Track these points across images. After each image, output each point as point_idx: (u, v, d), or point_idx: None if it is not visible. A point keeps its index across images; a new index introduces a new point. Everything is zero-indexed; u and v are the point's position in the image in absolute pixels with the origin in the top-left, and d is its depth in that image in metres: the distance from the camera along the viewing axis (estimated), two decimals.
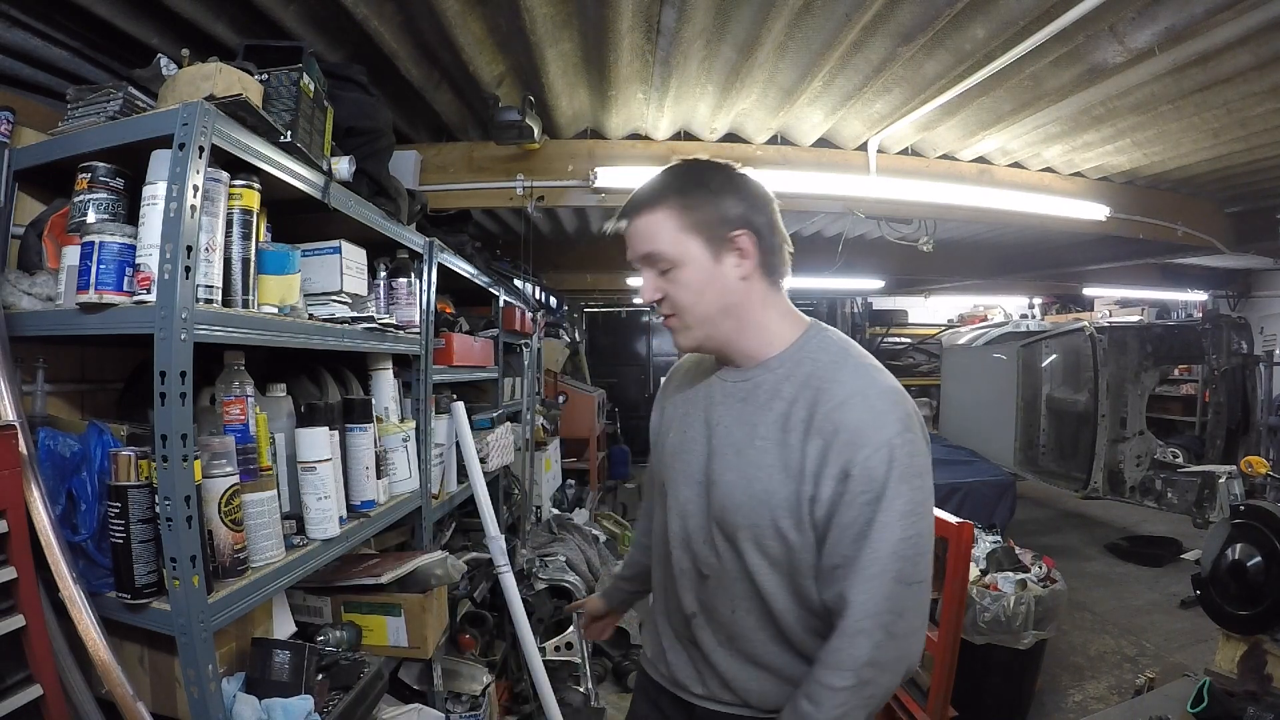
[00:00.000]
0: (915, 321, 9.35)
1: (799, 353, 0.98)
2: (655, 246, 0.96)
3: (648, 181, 1.00)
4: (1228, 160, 3.46)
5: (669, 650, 1.13)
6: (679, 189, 0.96)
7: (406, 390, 2.06)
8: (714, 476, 0.99)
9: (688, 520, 1.04)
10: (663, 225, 0.95)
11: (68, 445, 1.12)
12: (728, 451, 0.98)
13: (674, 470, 1.07)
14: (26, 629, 1.02)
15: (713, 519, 0.99)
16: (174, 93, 1.19)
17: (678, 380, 1.18)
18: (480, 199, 3.21)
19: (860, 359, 0.97)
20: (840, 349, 0.98)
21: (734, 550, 0.97)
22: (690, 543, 1.04)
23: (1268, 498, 2.77)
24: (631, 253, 1.00)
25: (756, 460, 0.94)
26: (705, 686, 1.07)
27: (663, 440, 1.13)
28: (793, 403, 0.94)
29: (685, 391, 1.12)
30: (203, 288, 1.08)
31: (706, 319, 0.97)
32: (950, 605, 2.33)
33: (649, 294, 0.98)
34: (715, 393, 1.05)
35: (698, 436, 1.04)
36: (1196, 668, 2.25)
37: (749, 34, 2.23)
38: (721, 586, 1.01)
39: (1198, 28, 2.12)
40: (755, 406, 0.97)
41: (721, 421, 1.01)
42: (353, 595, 1.72)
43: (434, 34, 2.16)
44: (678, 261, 0.95)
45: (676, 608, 1.09)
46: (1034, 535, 5.33)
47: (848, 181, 3.27)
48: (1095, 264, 5.45)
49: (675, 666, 1.12)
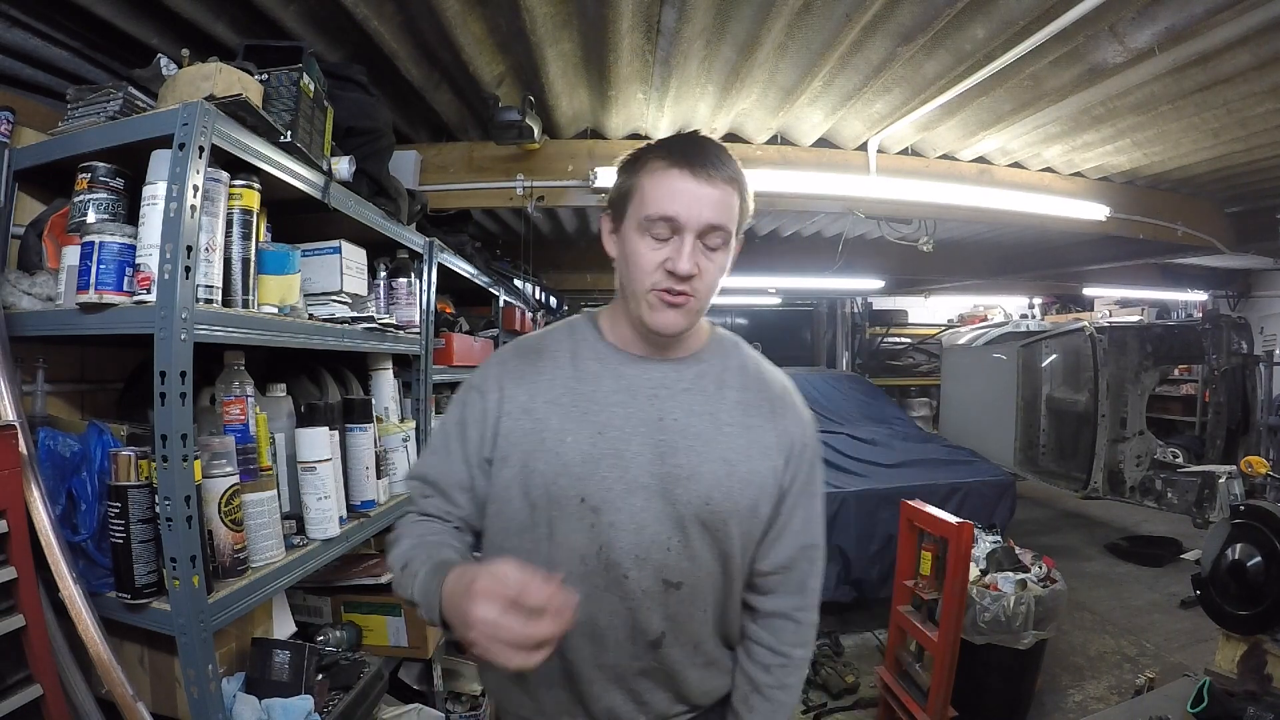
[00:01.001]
0: (915, 321, 9.35)
1: (719, 345, 1.02)
2: (724, 221, 0.88)
3: (720, 149, 0.90)
4: (1228, 160, 3.46)
5: (600, 698, 0.95)
6: (741, 176, 0.91)
7: (406, 390, 2.06)
8: (682, 472, 0.90)
9: (642, 533, 0.90)
10: (734, 205, 0.90)
11: (68, 445, 1.12)
12: (693, 443, 0.92)
13: (598, 480, 0.90)
14: (26, 629, 1.02)
15: (688, 518, 0.90)
16: (174, 93, 1.19)
17: (533, 370, 0.97)
18: (480, 199, 3.21)
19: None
20: (738, 341, 1.05)
21: (716, 545, 0.93)
22: (648, 559, 0.90)
23: (1268, 498, 2.77)
24: (692, 215, 0.85)
25: (730, 445, 0.94)
26: (651, 711, 0.97)
27: (546, 446, 0.91)
28: (743, 390, 0.98)
29: (575, 386, 0.95)
30: (203, 288, 1.08)
31: (708, 304, 0.94)
32: (950, 605, 2.33)
33: (689, 265, 0.86)
34: (647, 384, 0.95)
35: (633, 435, 0.91)
36: (1196, 668, 2.25)
37: (749, 34, 2.23)
38: (696, 591, 0.93)
39: (1198, 28, 2.12)
40: (706, 396, 0.96)
41: (672, 414, 0.93)
42: (353, 595, 1.72)
43: (434, 34, 2.16)
44: (725, 244, 0.90)
45: (628, 639, 0.92)
46: (1034, 535, 5.33)
47: (848, 181, 3.27)
48: (1095, 264, 5.46)
49: (610, 710, 0.96)
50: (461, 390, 1.01)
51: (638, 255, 0.89)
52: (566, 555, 0.90)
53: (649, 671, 0.95)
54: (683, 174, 0.86)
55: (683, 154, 0.87)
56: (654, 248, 0.88)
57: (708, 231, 0.87)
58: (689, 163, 0.86)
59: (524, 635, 0.67)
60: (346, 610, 1.73)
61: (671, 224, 0.86)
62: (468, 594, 0.70)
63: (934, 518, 2.48)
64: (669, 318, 0.89)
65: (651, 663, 0.94)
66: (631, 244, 0.89)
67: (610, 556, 0.90)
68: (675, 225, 0.86)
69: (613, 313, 1.01)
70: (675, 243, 0.87)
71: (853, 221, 4.21)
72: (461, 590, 0.73)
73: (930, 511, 2.52)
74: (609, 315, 1.01)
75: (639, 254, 0.88)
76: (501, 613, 0.67)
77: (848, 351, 8.81)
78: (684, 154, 0.87)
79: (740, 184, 0.90)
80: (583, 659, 0.93)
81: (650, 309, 0.89)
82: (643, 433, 0.92)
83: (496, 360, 1.02)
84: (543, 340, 1.02)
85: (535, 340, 1.02)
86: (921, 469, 4.07)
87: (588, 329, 1.01)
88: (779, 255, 5.68)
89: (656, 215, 0.86)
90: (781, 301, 8.56)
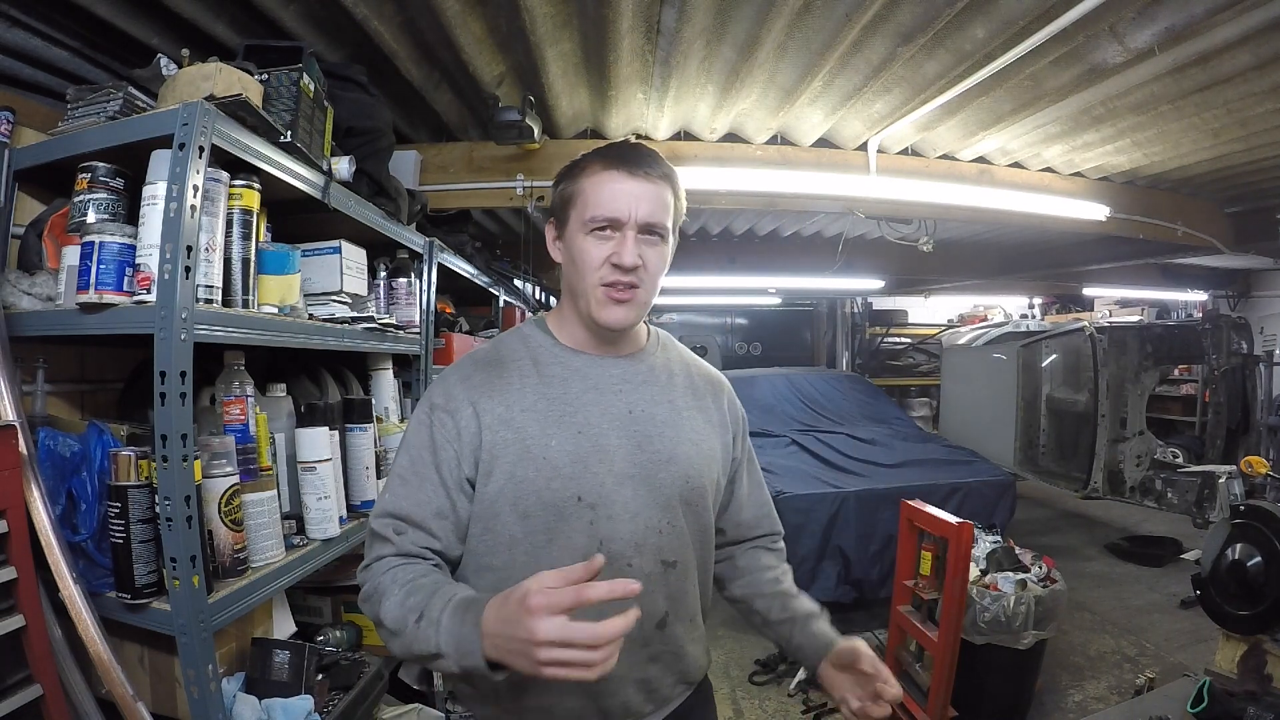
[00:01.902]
0: (915, 321, 9.34)
1: (658, 342, 1.10)
2: (661, 215, 0.94)
3: (651, 152, 0.96)
4: (1228, 160, 3.46)
5: (614, 694, 0.95)
6: (673, 174, 0.98)
7: (406, 390, 2.06)
8: (661, 457, 0.97)
9: (637, 520, 0.94)
10: (669, 200, 0.96)
11: (68, 445, 1.12)
12: (663, 430, 0.99)
13: (589, 477, 0.92)
14: (26, 629, 1.02)
15: (673, 498, 0.97)
16: (174, 93, 1.19)
17: (501, 381, 0.97)
18: (480, 199, 3.21)
19: None
20: (670, 337, 1.15)
21: (697, 519, 1.01)
22: (646, 543, 0.94)
23: (1268, 498, 2.77)
24: (633, 212, 0.91)
25: (692, 427, 1.03)
26: (659, 697, 0.99)
27: (532, 453, 0.92)
28: (688, 377, 1.09)
29: (545, 390, 0.97)
30: (203, 288, 1.08)
31: (654, 298, 0.99)
32: (950, 605, 2.33)
33: (632, 257, 0.91)
34: (610, 380, 1.00)
35: (609, 429, 0.96)
36: (1196, 668, 2.25)
37: (749, 34, 2.23)
38: (687, 567, 1.00)
39: (1198, 28, 2.12)
40: (660, 386, 1.04)
41: (639, 405, 1.00)
42: (353, 595, 1.71)
43: (434, 34, 2.16)
44: (664, 238, 0.96)
45: (638, 625, 0.90)
46: (1034, 535, 5.33)
47: (848, 181, 3.27)
48: (1095, 264, 5.46)
49: (625, 705, 0.97)
50: (421, 413, 0.97)
51: (584, 254, 0.93)
52: (569, 556, 0.89)
53: (658, 656, 0.98)
54: (620, 174, 0.92)
55: (618, 157, 0.94)
56: (598, 245, 0.93)
57: (647, 226, 0.93)
58: (624, 163, 0.93)
59: (599, 635, 0.65)
60: (346, 610, 1.73)
61: (613, 222, 0.92)
62: (523, 616, 0.66)
63: (934, 518, 2.47)
64: (618, 313, 0.94)
65: (660, 645, 0.98)
66: (577, 245, 0.94)
67: (611, 548, 0.92)
68: (616, 222, 0.92)
69: (560, 316, 1.05)
70: (618, 238, 0.92)
71: (853, 221, 4.21)
72: (510, 617, 0.68)
73: (930, 511, 2.52)
74: (556, 320, 1.05)
75: (585, 252, 0.93)
76: (567, 622, 0.65)
77: (848, 351, 8.81)
78: (619, 157, 0.94)
79: (673, 181, 0.97)
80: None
81: (599, 305, 0.94)
82: (618, 426, 0.97)
83: (457, 376, 0.98)
84: (499, 351, 1.02)
85: (491, 352, 1.03)
86: (921, 469, 4.07)
87: (539, 335, 1.04)
88: (779, 255, 5.68)
89: (600, 216, 0.92)
90: (781, 301, 8.56)
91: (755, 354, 9.47)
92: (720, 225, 5.25)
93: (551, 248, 1.03)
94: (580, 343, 1.01)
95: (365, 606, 0.88)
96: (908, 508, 2.63)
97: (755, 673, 3.23)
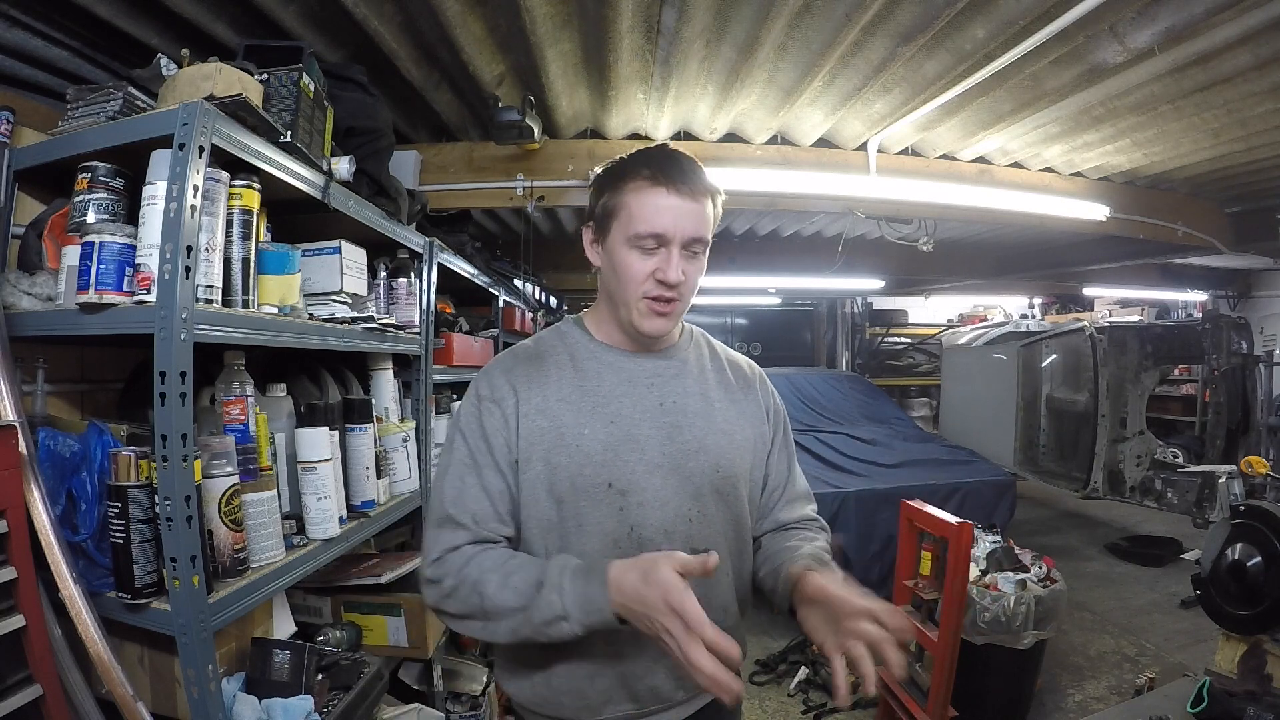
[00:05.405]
0: (915, 321, 9.34)
1: (691, 338, 1.14)
2: (704, 232, 0.98)
3: (693, 163, 0.99)
4: (1228, 160, 3.46)
5: (644, 677, 0.98)
6: (713, 186, 0.99)
7: (406, 390, 2.06)
8: (691, 447, 1.01)
9: (666, 507, 0.98)
10: (709, 215, 0.99)
11: (68, 445, 1.12)
12: (694, 420, 1.03)
13: (620, 465, 0.97)
14: (26, 629, 1.02)
15: (703, 487, 1.00)
16: (174, 93, 1.19)
17: (540, 373, 1.02)
18: (480, 199, 3.21)
19: None
20: (704, 333, 1.19)
21: (728, 509, 1.03)
22: (675, 531, 0.98)
23: (1268, 498, 2.77)
24: (678, 230, 0.94)
25: (725, 417, 1.06)
26: (690, 685, 1.00)
27: (566, 441, 0.97)
28: (720, 371, 1.12)
29: (581, 383, 1.02)
30: (203, 288, 1.08)
31: (689, 306, 1.03)
32: (950, 605, 2.33)
33: (677, 274, 0.95)
34: (644, 374, 1.04)
35: (641, 420, 1.00)
36: (1196, 668, 2.26)
37: (749, 34, 2.23)
38: (718, 554, 0.98)
39: (1198, 28, 2.12)
40: (692, 379, 1.07)
41: (670, 397, 1.04)
42: (353, 595, 1.72)
43: (434, 34, 2.16)
44: (704, 250, 1.00)
45: None
46: (1034, 535, 5.33)
47: (848, 181, 3.27)
48: (1095, 264, 5.46)
49: (654, 690, 0.99)
50: (469, 405, 1.02)
51: (628, 268, 0.97)
52: (599, 542, 0.96)
53: None
54: (667, 192, 0.94)
55: (663, 171, 0.95)
56: (642, 259, 0.96)
57: (691, 242, 0.96)
58: (670, 180, 0.94)
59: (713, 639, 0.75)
60: (346, 610, 1.73)
61: (659, 239, 0.95)
62: (670, 591, 0.77)
63: (934, 518, 2.47)
64: (659, 324, 1.00)
65: None
66: (620, 257, 0.97)
67: (642, 534, 0.97)
68: (663, 239, 0.95)
69: (597, 316, 1.10)
70: (663, 254, 0.96)
71: (852, 221, 4.21)
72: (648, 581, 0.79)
73: (930, 511, 2.52)
74: (593, 319, 1.10)
75: (629, 266, 0.97)
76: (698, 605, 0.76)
77: (848, 351, 8.81)
78: (665, 171, 0.95)
79: (714, 194, 0.99)
80: (628, 640, 0.95)
81: (641, 316, 0.99)
82: (649, 417, 1.01)
83: (501, 369, 1.05)
84: (539, 346, 1.08)
85: (532, 347, 1.09)
86: (921, 469, 4.07)
87: (577, 332, 1.09)
88: (779, 255, 5.68)
89: (646, 233, 0.94)
90: (781, 301, 8.56)
91: (755, 354, 9.46)
92: (720, 225, 5.24)
93: (590, 250, 1.06)
94: (616, 341, 1.07)
95: (448, 602, 0.92)
96: (908, 508, 2.63)
97: (755, 673, 3.23)
